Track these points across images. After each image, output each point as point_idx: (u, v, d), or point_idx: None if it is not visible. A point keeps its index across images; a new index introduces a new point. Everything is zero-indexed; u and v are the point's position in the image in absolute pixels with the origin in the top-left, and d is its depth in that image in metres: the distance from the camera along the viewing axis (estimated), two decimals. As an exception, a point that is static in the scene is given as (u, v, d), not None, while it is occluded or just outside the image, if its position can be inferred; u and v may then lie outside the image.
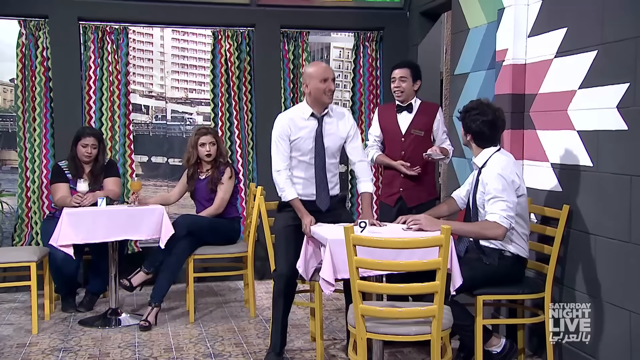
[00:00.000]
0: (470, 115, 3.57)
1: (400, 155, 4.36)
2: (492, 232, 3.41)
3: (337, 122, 3.82)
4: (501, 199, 3.40)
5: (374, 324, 3.00)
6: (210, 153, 4.86)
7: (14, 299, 5.26)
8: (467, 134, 3.62)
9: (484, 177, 3.53)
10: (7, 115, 12.96)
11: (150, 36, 14.70)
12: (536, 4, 3.99)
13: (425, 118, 4.37)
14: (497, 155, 3.57)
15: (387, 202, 4.44)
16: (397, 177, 4.38)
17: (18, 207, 5.48)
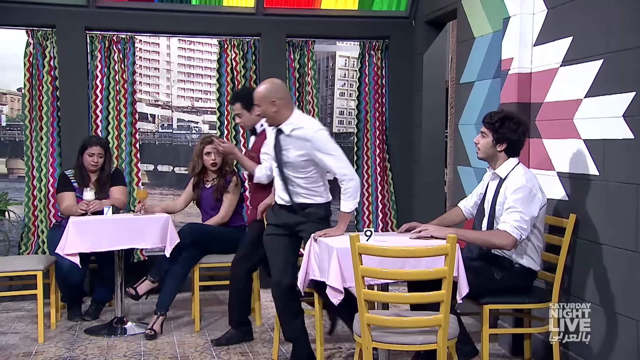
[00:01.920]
0: (510, 124, 3.52)
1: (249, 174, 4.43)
2: (501, 241, 3.39)
3: (295, 141, 3.71)
4: (517, 210, 3.39)
5: (379, 333, 2.99)
6: (216, 162, 4.87)
7: (20, 307, 5.27)
8: (501, 144, 3.55)
9: (507, 187, 3.50)
10: (14, 124, 13.05)
11: (157, 45, 14.80)
12: (542, 13, 4.00)
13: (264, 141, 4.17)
14: (520, 167, 3.57)
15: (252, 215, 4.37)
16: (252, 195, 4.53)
17: (25, 216, 5.50)
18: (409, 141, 6.10)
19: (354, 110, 6.39)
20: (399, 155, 6.17)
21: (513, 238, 3.37)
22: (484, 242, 3.50)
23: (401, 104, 6.13)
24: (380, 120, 6.17)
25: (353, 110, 6.44)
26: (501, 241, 3.39)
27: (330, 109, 18.14)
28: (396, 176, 6.17)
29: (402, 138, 6.14)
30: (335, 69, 16.25)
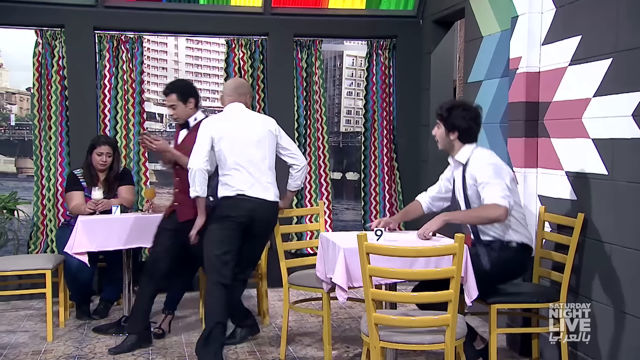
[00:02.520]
0: (457, 112, 3.59)
1: (175, 170, 4.26)
2: (494, 213, 3.36)
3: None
4: (493, 182, 3.41)
5: (387, 333, 2.99)
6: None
7: (29, 306, 5.30)
8: (453, 132, 3.61)
9: (472, 170, 3.53)
10: (23, 124, 13.13)
11: (165, 45, 14.85)
12: (550, 12, 3.98)
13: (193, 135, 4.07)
14: (479, 149, 3.63)
15: (166, 212, 4.32)
16: (174, 191, 4.29)
17: (34, 215, 5.52)
18: (417, 140, 6.10)
19: (361, 109, 6.38)
20: (406, 154, 6.16)
21: (503, 207, 3.34)
22: (477, 219, 3.46)
23: (409, 103, 6.13)
24: (387, 120, 6.17)
25: (360, 110, 6.44)
26: (494, 212, 3.35)
27: (337, 108, 18.14)
28: (403, 175, 6.17)
29: (409, 137, 6.13)
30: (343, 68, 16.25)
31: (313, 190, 6.04)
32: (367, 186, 6.22)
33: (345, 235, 3.70)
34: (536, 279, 3.91)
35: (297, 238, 5.92)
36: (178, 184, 4.20)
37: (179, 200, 4.19)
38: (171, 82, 4.52)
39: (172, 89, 4.26)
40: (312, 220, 5.90)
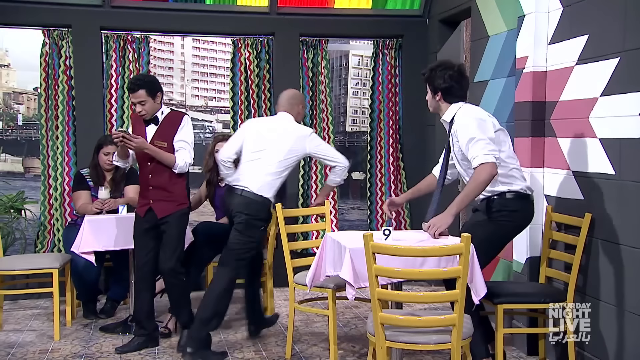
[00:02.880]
0: (437, 72, 3.56)
1: (147, 167, 4.14)
2: (484, 174, 3.29)
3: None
4: (476, 138, 3.34)
5: (393, 333, 2.99)
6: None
7: (36, 305, 5.32)
8: (437, 93, 3.59)
9: (455, 127, 3.49)
10: (31, 123, 13.17)
11: (171, 45, 14.88)
12: (557, 11, 3.97)
13: (170, 129, 4.14)
14: (464, 106, 3.55)
15: (139, 212, 4.20)
16: (147, 188, 4.18)
17: (41, 214, 5.55)
18: (423, 140, 6.09)
19: (367, 109, 6.38)
20: (412, 154, 6.15)
21: (490, 162, 3.28)
22: (476, 189, 3.34)
23: (415, 102, 6.11)
24: (393, 120, 6.16)
25: (366, 110, 6.44)
26: (484, 174, 3.29)
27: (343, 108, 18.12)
28: (410, 175, 6.15)
29: (415, 137, 6.12)
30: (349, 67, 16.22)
31: (319, 190, 6.04)
32: (373, 186, 6.21)
33: (351, 234, 3.70)
34: (543, 278, 3.90)
35: (302, 238, 5.92)
36: (152, 181, 4.12)
37: (155, 197, 4.12)
38: (136, 77, 4.43)
39: (141, 84, 4.08)
40: (317, 220, 5.90)
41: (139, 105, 4.07)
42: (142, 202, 4.18)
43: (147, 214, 4.13)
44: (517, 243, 4.24)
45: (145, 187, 4.16)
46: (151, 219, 4.12)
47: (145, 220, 4.14)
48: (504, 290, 3.63)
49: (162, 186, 4.10)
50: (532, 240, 4.09)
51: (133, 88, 4.07)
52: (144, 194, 4.18)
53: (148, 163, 4.12)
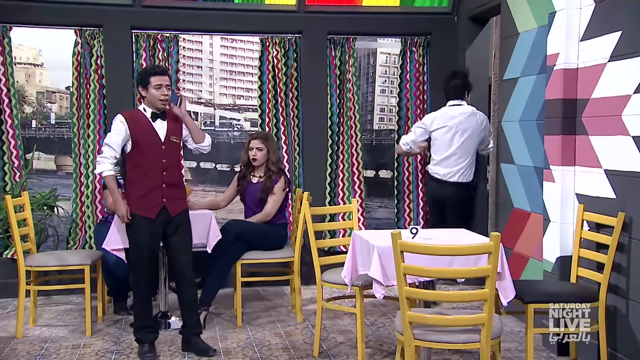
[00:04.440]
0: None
1: (162, 164, 4.00)
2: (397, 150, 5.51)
3: None
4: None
5: (422, 331, 2.98)
6: (256, 158, 4.92)
7: (69, 300, 5.41)
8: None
9: None
10: (63, 122, 13.40)
11: (200, 44, 15.01)
12: (589, 7, 3.91)
13: (176, 124, 4.08)
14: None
15: (148, 214, 3.98)
16: (159, 187, 4.00)
17: (73, 212, 5.64)
18: (451, 138, 6.03)
19: (394, 107, 6.36)
20: (440, 152, 6.10)
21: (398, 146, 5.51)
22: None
23: (443, 100, 6.05)
24: (421, 117, 6.11)
25: (394, 108, 6.41)
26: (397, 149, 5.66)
27: (371, 106, 18.06)
28: (438, 173, 6.11)
29: (444, 135, 6.07)
30: (376, 65, 16.17)
31: (346, 187, 6.04)
32: (400, 184, 6.19)
33: (378, 233, 3.70)
34: (574, 278, 3.84)
35: (330, 236, 5.93)
36: (167, 178, 3.99)
37: (169, 195, 4.01)
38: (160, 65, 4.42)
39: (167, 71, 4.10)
40: (345, 218, 5.90)
41: (166, 88, 3.95)
42: (150, 203, 3.96)
43: (159, 215, 3.98)
44: (548, 242, 4.19)
45: (157, 185, 3.97)
46: (164, 218, 4.00)
47: (158, 221, 3.98)
48: (535, 290, 3.59)
49: (175, 183, 4.04)
50: (562, 240, 4.04)
51: (164, 71, 4.03)
52: (154, 193, 3.96)
53: (163, 160, 3.99)
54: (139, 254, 4.02)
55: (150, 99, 3.97)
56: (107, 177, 3.97)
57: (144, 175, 3.97)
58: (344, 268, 3.73)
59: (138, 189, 3.97)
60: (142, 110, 4.03)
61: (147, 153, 3.97)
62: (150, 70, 4.01)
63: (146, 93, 3.97)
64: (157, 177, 3.99)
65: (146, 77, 3.95)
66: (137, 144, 3.96)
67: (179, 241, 4.08)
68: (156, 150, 3.98)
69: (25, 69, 14.48)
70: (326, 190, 5.98)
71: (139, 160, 3.98)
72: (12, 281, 4.93)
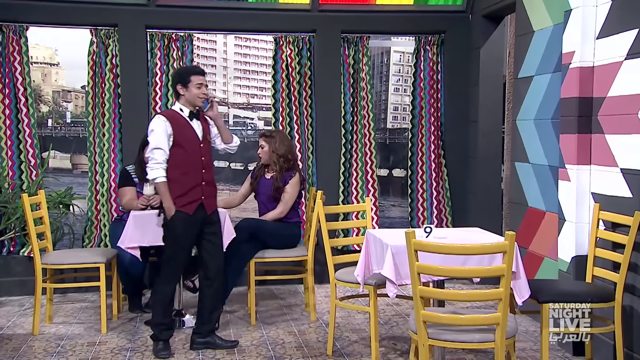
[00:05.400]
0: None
1: (201, 162, 4.08)
2: None
3: None
4: None
5: (436, 331, 2.98)
6: (260, 155, 4.94)
7: (84, 298, 5.45)
8: None
9: None
10: (78, 121, 13.53)
11: (214, 43, 15.09)
12: (605, 4, 3.88)
13: (207, 124, 4.20)
14: None
15: (186, 210, 4.03)
16: (199, 184, 4.08)
17: (88, 210, 5.68)
18: (465, 137, 6.03)
19: (408, 105, 6.35)
20: (454, 151, 6.10)
21: None
22: None
23: (457, 99, 6.06)
24: (435, 116, 6.11)
25: (407, 106, 6.41)
26: None
27: (384, 104, 18.06)
28: (451, 172, 6.11)
29: (457, 134, 6.06)
30: (390, 64, 16.16)
31: (359, 186, 6.04)
32: (414, 183, 6.18)
33: (392, 232, 3.69)
34: (589, 278, 3.82)
35: (343, 235, 5.93)
36: (205, 176, 4.08)
37: (207, 193, 4.10)
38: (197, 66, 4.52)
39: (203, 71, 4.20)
40: (358, 217, 5.90)
41: (205, 87, 4.09)
42: (189, 199, 4.01)
43: (197, 211, 4.05)
44: (563, 241, 4.17)
45: (197, 183, 4.04)
46: (201, 215, 4.08)
47: (195, 217, 4.05)
48: (550, 289, 3.57)
49: (211, 181, 4.15)
50: (578, 239, 4.02)
51: (203, 71, 4.15)
52: (194, 191, 4.03)
53: (202, 159, 4.08)
54: (175, 249, 4.09)
55: (190, 98, 4.05)
56: (161, 183, 4.00)
57: (185, 173, 4.03)
58: (357, 267, 3.73)
59: (178, 187, 4.01)
60: (178, 110, 4.09)
61: (188, 152, 4.03)
62: (191, 70, 4.15)
63: (185, 91, 4.05)
64: (197, 175, 4.07)
65: (187, 76, 4.05)
66: (179, 143, 4.02)
67: (214, 238, 4.17)
68: (196, 149, 4.07)
69: (41, 68, 14.62)
70: (339, 189, 5.98)
71: (179, 160, 4.02)
72: (29, 279, 4.99)
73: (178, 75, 4.15)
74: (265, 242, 4.79)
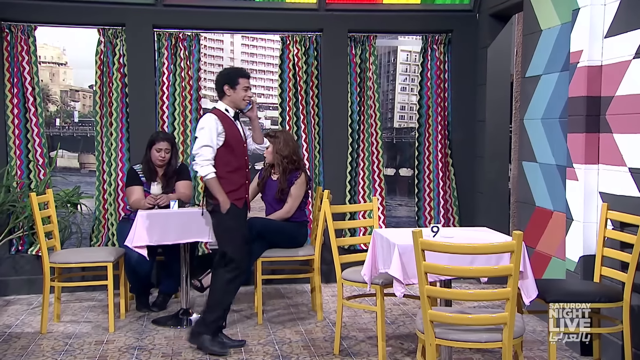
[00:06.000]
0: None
1: (245, 161, 4.24)
2: None
3: None
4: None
5: (443, 330, 2.97)
6: (265, 156, 4.96)
7: (92, 297, 5.47)
8: None
9: None
10: (86, 120, 13.57)
11: (221, 42, 15.10)
12: (613, 3, 3.86)
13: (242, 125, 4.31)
14: None
15: (238, 204, 4.18)
16: (245, 182, 4.24)
17: (95, 209, 5.70)
18: (472, 136, 6.01)
19: (415, 105, 6.33)
20: (461, 150, 6.08)
21: None
22: None
23: (464, 98, 6.05)
24: (442, 115, 6.10)
25: (414, 105, 6.39)
26: None
27: (391, 104, 18.04)
28: (458, 172, 6.09)
29: (465, 133, 6.05)
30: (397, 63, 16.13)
31: (366, 186, 6.04)
32: (420, 182, 6.17)
33: (399, 231, 3.69)
34: (597, 277, 3.80)
35: (350, 234, 5.93)
36: (248, 174, 4.28)
37: (247, 191, 4.29)
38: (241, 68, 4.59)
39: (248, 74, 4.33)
40: (365, 217, 5.90)
41: (250, 89, 4.20)
42: (238, 195, 4.15)
43: (244, 206, 4.21)
44: (571, 241, 4.15)
45: (243, 181, 4.19)
46: (244, 211, 4.23)
47: (244, 210, 4.21)
48: (557, 289, 3.56)
49: (250, 180, 4.34)
50: (586, 238, 4.00)
51: (249, 74, 4.26)
52: (241, 189, 4.17)
53: (245, 158, 4.22)
54: (235, 244, 4.13)
55: (236, 99, 4.14)
56: (212, 179, 4.05)
57: (233, 172, 4.12)
58: (364, 266, 3.73)
59: (228, 184, 4.09)
60: (223, 110, 4.14)
61: (235, 151, 4.14)
62: (239, 72, 4.23)
63: (232, 93, 4.13)
64: (243, 174, 4.20)
65: (235, 78, 4.14)
66: (229, 142, 4.11)
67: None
68: (241, 148, 4.19)
69: (49, 68, 14.68)
70: (346, 189, 5.98)
71: (228, 158, 4.11)
72: (37, 277, 5.01)
73: (226, 76, 4.21)
74: (272, 242, 4.79)
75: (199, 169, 4.04)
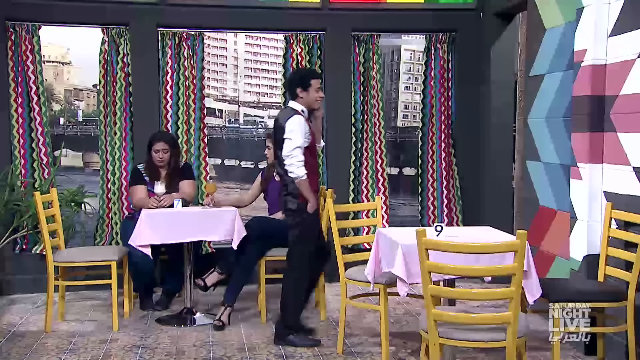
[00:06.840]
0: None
1: (317, 161, 4.35)
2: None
3: None
4: None
5: (446, 329, 2.97)
6: (267, 155, 4.94)
7: (96, 296, 5.48)
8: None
9: None
10: (90, 119, 13.63)
11: (225, 41, 15.14)
12: (618, 2, 3.85)
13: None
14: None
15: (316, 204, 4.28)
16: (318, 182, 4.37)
17: (99, 208, 5.71)
18: (476, 135, 6.00)
19: (418, 104, 6.33)
20: (465, 149, 6.08)
21: None
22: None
23: (468, 97, 6.04)
24: (445, 115, 6.09)
25: (418, 105, 6.39)
26: None
27: (395, 103, 18.05)
28: (462, 171, 6.08)
29: (468, 132, 6.04)
30: (400, 62, 16.15)
31: (370, 185, 6.03)
32: (424, 182, 6.16)
33: (402, 231, 3.69)
34: (601, 277, 3.79)
35: (353, 233, 5.93)
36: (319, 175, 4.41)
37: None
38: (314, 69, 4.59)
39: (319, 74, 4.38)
40: (368, 216, 5.89)
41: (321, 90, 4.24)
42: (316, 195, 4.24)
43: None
44: (575, 240, 4.15)
45: (317, 178, 4.29)
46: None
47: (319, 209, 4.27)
48: (561, 288, 3.56)
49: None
50: (590, 238, 4.00)
51: (320, 75, 4.36)
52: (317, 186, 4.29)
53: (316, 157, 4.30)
54: (309, 242, 4.21)
55: (309, 100, 4.18)
56: (304, 180, 4.08)
57: (311, 172, 4.15)
58: (368, 265, 3.74)
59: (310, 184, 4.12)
60: (300, 111, 4.16)
61: (312, 152, 4.20)
62: (311, 74, 4.31)
63: (305, 94, 4.17)
64: (316, 174, 4.30)
65: (308, 80, 4.18)
66: (311, 143, 4.17)
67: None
68: (314, 149, 4.25)
69: (53, 67, 14.71)
70: (350, 188, 5.98)
71: (307, 159, 4.12)
72: (41, 276, 5.01)
73: (299, 78, 4.25)
74: (275, 241, 4.79)
75: (295, 169, 4.04)
